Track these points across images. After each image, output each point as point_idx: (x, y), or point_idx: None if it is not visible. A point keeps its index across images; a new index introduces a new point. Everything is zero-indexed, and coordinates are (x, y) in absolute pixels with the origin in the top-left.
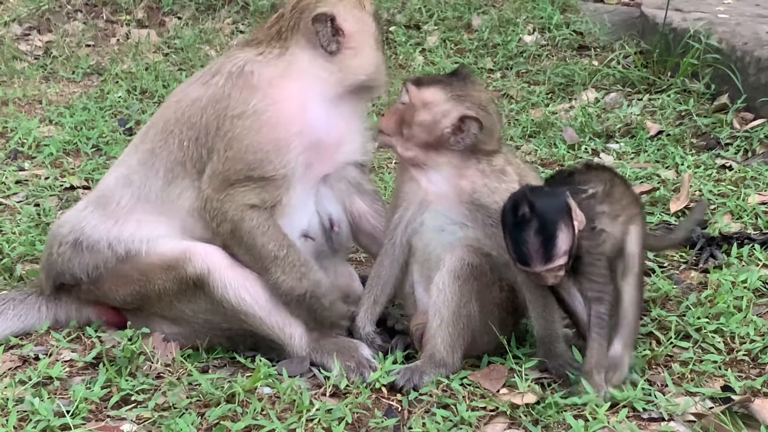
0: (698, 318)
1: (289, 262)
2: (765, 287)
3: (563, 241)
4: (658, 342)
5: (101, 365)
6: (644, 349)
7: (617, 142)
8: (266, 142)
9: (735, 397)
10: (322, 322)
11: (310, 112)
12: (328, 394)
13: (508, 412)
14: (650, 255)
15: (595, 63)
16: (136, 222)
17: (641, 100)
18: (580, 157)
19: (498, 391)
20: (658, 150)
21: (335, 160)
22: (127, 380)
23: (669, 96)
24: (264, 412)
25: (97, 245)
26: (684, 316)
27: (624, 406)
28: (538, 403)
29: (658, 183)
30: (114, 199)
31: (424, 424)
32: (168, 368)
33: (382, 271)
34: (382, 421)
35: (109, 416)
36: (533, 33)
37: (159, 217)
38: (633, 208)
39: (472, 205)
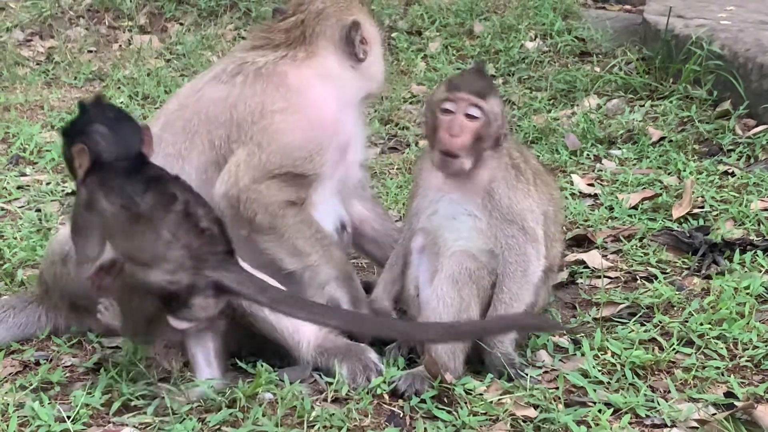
0: (701, 324)
1: (335, 248)
2: None
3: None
4: (661, 348)
5: (102, 370)
6: (647, 355)
7: (619, 148)
8: (309, 141)
9: (738, 404)
10: (357, 299)
11: (341, 115)
12: (329, 399)
13: (509, 419)
14: (653, 261)
15: (597, 69)
16: None
17: (643, 106)
18: (582, 163)
19: (499, 400)
20: (660, 156)
21: (348, 161)
22: (128, 385)
23: (671, 102)
24: (265, 418)
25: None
26: (687, 322)
27: (626, 412)
28: (538, 408)
29: (661, 189)
30: None
31: (425, 430)
32: (169, 374)
33: (402, 252)
34: (384, 427)
35: (110, 422)
36: (535, 39)
37: None
38: None
39: (486, 195)
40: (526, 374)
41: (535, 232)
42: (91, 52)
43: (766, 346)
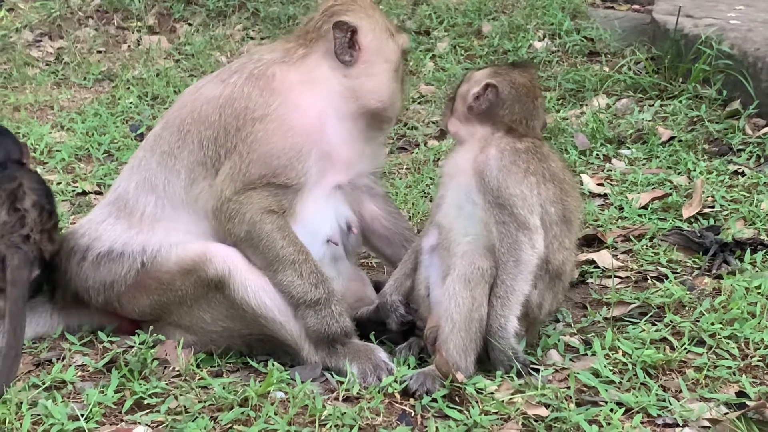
0: (712, 324)
1: (307, 266)
2: None
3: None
4: (672, 348)
5: (114, 369)
6: (658, 354)
7: (629, 148)
8: (289, 149)
9: (749, 403)
10: (326, 332)
11: (327, 122)
12: (340, 398)
13: (520, 418)
14: (663, 261)
15: (606, 69)
16: (164, 230)
17: (653, 106)
18: (592, 163)
19: (510, 399)
20: (670, 156)
21: (348, 172)
22: (140, 384)
23: (680, 102)
24: (277, 417)
25: (122, 257)
26: (698, 321)
27: (638, 412)
28: (549, 408)
29: (671, 189)
30: (138, 208)
31: (437, 429)
32: (181, 372)
33: (416, 249)
34: (396, 426)
35: (123, 420)
36: (544, 39)
37: (186, 220)
38: None
39: (479, 177)
40: (537, 370)
41: (527, 219)
42: (100, 52)
43: None
